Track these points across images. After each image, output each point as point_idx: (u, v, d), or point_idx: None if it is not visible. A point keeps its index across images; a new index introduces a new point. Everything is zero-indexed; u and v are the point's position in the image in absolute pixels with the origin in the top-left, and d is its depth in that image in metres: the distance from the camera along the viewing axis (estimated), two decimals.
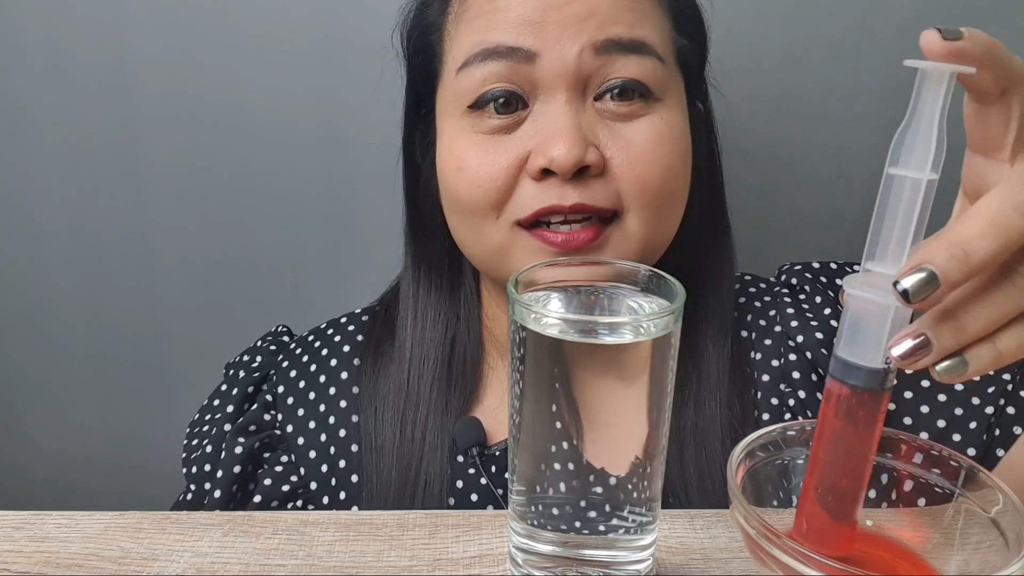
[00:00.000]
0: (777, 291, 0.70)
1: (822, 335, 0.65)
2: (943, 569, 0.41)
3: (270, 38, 0.94)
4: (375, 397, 0.68)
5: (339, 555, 0.48)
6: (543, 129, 0.58)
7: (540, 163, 0.57)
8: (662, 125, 0.60)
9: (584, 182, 0.58)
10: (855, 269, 0.70)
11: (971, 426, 0.60)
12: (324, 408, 0.69)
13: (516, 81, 0.58)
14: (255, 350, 0.76)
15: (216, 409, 0.72)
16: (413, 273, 0.70)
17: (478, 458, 0.65)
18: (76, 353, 1.08)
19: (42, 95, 0.98)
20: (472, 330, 0.70)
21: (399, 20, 0.67)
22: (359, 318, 0.74)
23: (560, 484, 0.42)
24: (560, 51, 0.57)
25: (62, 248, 1.04)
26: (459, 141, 0.60)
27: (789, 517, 0.42)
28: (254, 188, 1.00)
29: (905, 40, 0.93)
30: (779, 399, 0.64)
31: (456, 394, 0.68)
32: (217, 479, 0.66)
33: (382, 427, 0.67)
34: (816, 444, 0.39)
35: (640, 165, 0.59)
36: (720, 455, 0.62)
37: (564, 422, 0.40)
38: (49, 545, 0.48)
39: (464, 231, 0.62)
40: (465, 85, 0.59)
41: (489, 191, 0.59)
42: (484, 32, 0.59)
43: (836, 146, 0.96)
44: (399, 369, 0.68)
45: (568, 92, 0.58)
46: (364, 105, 0.95)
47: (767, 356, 0.66)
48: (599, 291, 0.45)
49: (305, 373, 0.71)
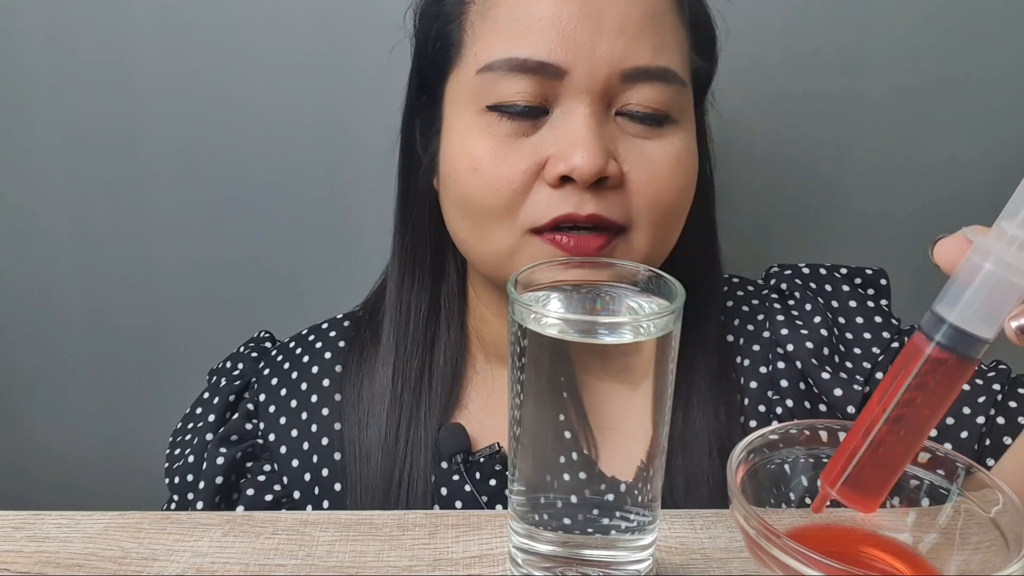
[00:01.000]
0: (765, 295, 0.70)
1: (812, 344, 0.64)
2: (943, 569, 0.41)
3: (270, 38, 0.94)
4: (359, 403, 0.68)
5: (339, 555, 0.48)
6: (564, 136, 0.57)
7: (561, 170, 0.56)
8: (681, 147, 0.60)
9: (601, 193, 0.57)
10: (843, 273, 0.70)
11: (962, 436, 0.60)
12: (306, 416, 0.69)
13: (542, 93, 0.58)
14: (237, 356, 0.75)
15: (198, 418, 0.71)
16: (398, 263, 0.69)
17: (462, 465, 0.65)
18: (76, 353, 1.08)
19: (42, 95, 0.97)
20: (453, 329, 0.69)
21: (412, 1, 0.66)
22: (341, 324, 0.74)
23: (566, 489, 0.41)
24: (589, 69, 0.57)
25: (62, 248, 1.04)
26: (474, 141, 0.59)
27: (789, 517, 0.42)
28: (254, 188, 1.00)
29: (905, 40, 0.93)
30: (767, 406, 0.64)
31: (438, 396, 0.67)
32: (200, 490, 0.66)
33: (366, 432, 0.67)
34: (878, 398, 0.38)
35: (657, 183, 0.59)
36: (707, 463, 0.61)
37: (573, 431, 0.40)
38: (49, 545, 0.48)
39: (470, 232, 0.61)
40: (488, 88, 0.58)
41: (504, 195, 0.58)
42: (514, 40, 0.57)
43: (836, 146, 0.96)
44: (383, 370, 0.68)
45: (593, 104, 0.57)
46: (366, 106, 0.95)
47: (755, 362, 0.66)
48: (599, 291, 0.45)
49: (287, 381, 0.71)
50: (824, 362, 0.63)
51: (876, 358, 0.64)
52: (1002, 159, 0.96)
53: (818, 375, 0.63)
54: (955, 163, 0.97)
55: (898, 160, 0.96)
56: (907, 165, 0.97)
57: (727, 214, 0.71)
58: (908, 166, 0.97)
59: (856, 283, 0.70)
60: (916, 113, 0.95)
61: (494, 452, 0.65)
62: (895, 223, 0.99)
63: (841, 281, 0.69)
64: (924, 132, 0.95)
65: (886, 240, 0.99)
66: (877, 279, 0.71)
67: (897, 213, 0.98)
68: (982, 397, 0.61)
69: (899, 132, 0.95)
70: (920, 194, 0.98)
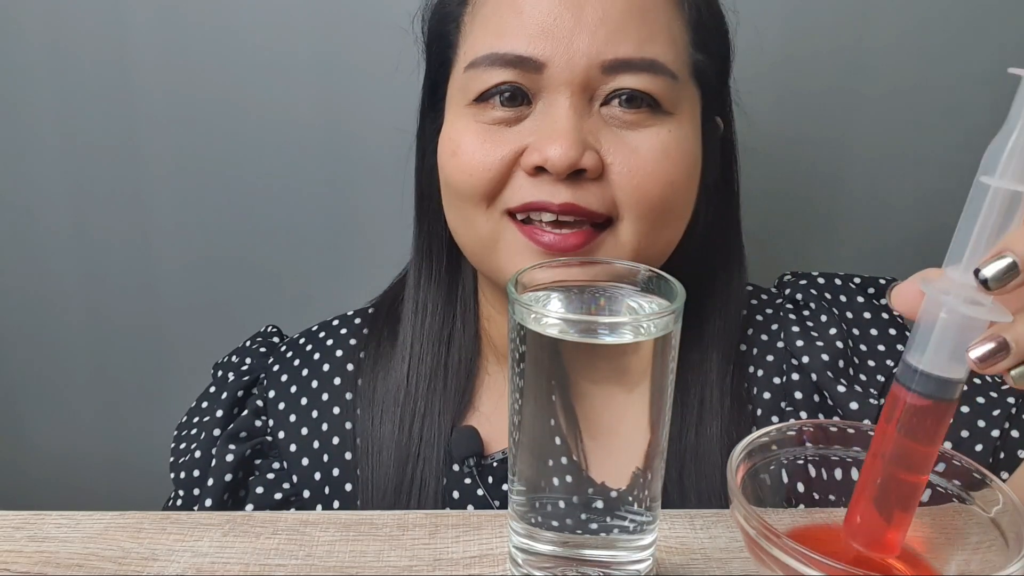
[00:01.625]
0: (780, 304, 0.69)
1: (828, 357, 0.63)
2: (943, 569, 0.41)
3: (271, 40, 0.94)
4: (374, 398, 0.68)
5: (339, 555, 0.48)
6: (543, 127, 0.58)
7: (535, 160, 0.57)
8: (669, 138, 0.59)
9: (578, 184, 0.57)
10: (857, 283, 0.70)
11: (976, 449, 0.60)
12: (317, 415, 0.69)
13: (523, 85, 0.59)
14: (244, 351, 0.75)
15: (204, 412, 0.70)
16: (417, 262, 0.70)
17: (475, 468, 0.64)
18: (76, 353, 1.08)
19: (42, 95, 0.98)
20: (468, 329, 0.69)
21: (421, 5, 0.67)
22: (351, 321, 0.74)
23: (570, 486, 0.41)
24: (567, 62, 0.57)
25: (62, 248, 1.04)
26: (458, 127, 0.61)
27: (789, 517, 0.42)
28: (255, 189, 1.00)
29: (905, 40, 0.93)
30: (780, 417, 0.63)
31: (452, 395, 0.67)
32: (208, 487, 0.65)
33: (379, 428, 0.66)
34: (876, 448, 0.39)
35: (640, 175, 0.58)
36: (719, 479, 0.61)
37: (562, 435, 0.40)
38: (49, 545, 0.48)
39: (456, 218, 0.63)
40: (472, 82, 0.59)
41: (481, 180, 0.59)
42: (497, 35, 0.59)
43: (836, 146, 0.96)
44: (399, 366, 0.68)
45: (573, 97, 0.58)
46: (367, 106, 0.95)
47: (768, 373, 0.65)
48: (599, 291, 0.45)
49: (297, 378, 0.70)
50: (839, 375, 0.63)
51: (890, 370, 0.63)
52: None
53: (833, 388, 0.62)
54: (955, 163, 0.97)
55: (898, 160, 0.96)
56: (907, 165, 0.97)
57: None
58: (908, 166, 0.97)
59: (870, 293, 0.69)
60: (916, 113, 0.95)
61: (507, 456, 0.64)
62: (895, 223, 0.99)
63: (856, 291, 0.68)
64: (924, 132, 0.95)
65: (886, 240, 0.99)
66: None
67: (897, 213, 0.98)
68: (996, 410, 0.61)
69: (899, 132, 0.95)
70: (920, 194, 0.98)
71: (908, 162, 0.97)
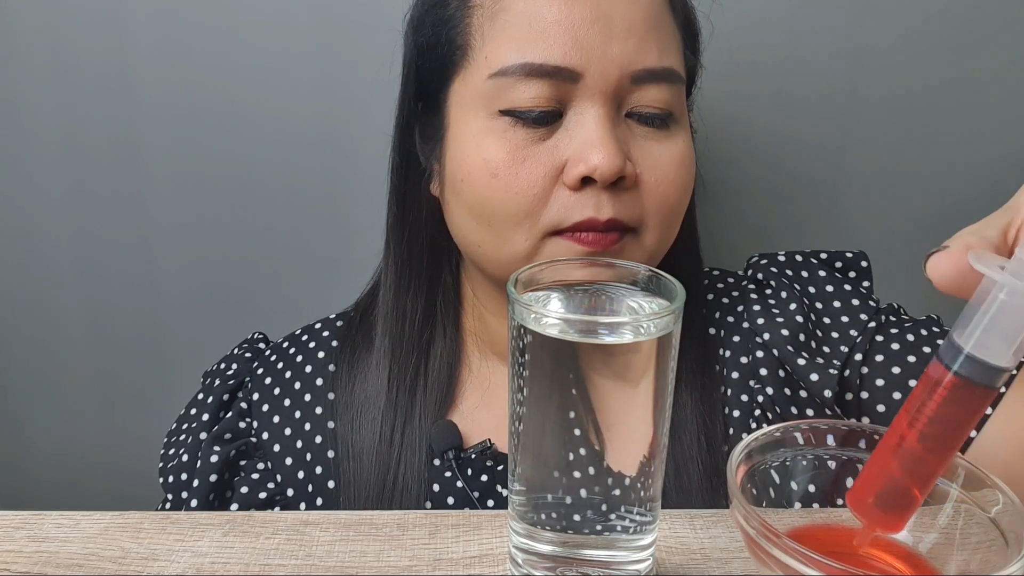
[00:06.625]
0: (744, 286, 0.71)
1: (788, 332, 0.65)
2: (943, 569, 0.41)
3: (270, 41, 0.94)
4: (351, 402, 0.68)
5: (339, 555, 0.48)
6: (580, 138, 0.58)
7: (581, 171, 0.57)
8: (684, 147, 0.61)
9: (617, 194, 0.58)
10: (822, 259, 0.71)
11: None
12: (300, 415, 0.69)
13: (556, 97, 0.58)
14: (231, 358, 0.75)
15: (192, 418, 0.71)
16: (393, 268, 0.69)
17: (454, 461, 0.65)
18: (76, 353, 1.08)
19: (42, 95, 0.97)
20: (449, 332, 0.69)
21: (407, 11, 0.66)
22: (334, 324, 0.74)
23: (571, 487, 0.41)
24: (602, 72, 0.57)
25: (62, 248, 1.04)
26: (489, 146, 0.59)
27: (789, 517, 0.42)
28: (255, 189, 1.00)
29: (905, 40, 0.93)
30: (748, 395, 0.65)
31: (432, 399, 0.67)
32: (194, 488, 0.66)
33: (359, 432, 0.67)
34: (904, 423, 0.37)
35: (664, 184, 0.60)
36: (696, 451, 0.62)
37: (583, 427, 0.40)
38: (49, 545, 0.48)
39: (484, 236, 0.61)
40: (501, 93, 0.58)
41: (526, 199, 0.58)
42: (527, 44, 0.58)
43: (835, 146, 0.96)
44: (376, 371, 0.68)
45: (606, 106, 0.58)
46: (363, 109, 0.95)
47: (736, 353, 0.66)
48: (599, 291, 0.45)
49: (280, 380, 0.71)
50: (800, 348, 0.64)
51: (854, 340, 0.65)
52: (1002, 159, 0.96)
53: (794, 362, 0.64)
54: (955, 163, 0.97)
55: (897, 160, 0.96)
56: (906, 165, 0.97)
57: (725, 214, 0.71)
58: (907, 166, 0.97)
59: (836, 267, 0.71)
60: (915, 114, 0.95)
61: (486, 448, 0.65)
62: (894, 223, 0.99)
63: (818, 267, 0.70)
64: (923, 132, 0.95)
65: (885, 240, 0.99)
66: (857, 262, 0.71)
67: (896, 213, 0.98)
68: None
69: (898, 132, 0.95)
70: (919, 194, 0.98)
71: (907, 163, 0.96)
